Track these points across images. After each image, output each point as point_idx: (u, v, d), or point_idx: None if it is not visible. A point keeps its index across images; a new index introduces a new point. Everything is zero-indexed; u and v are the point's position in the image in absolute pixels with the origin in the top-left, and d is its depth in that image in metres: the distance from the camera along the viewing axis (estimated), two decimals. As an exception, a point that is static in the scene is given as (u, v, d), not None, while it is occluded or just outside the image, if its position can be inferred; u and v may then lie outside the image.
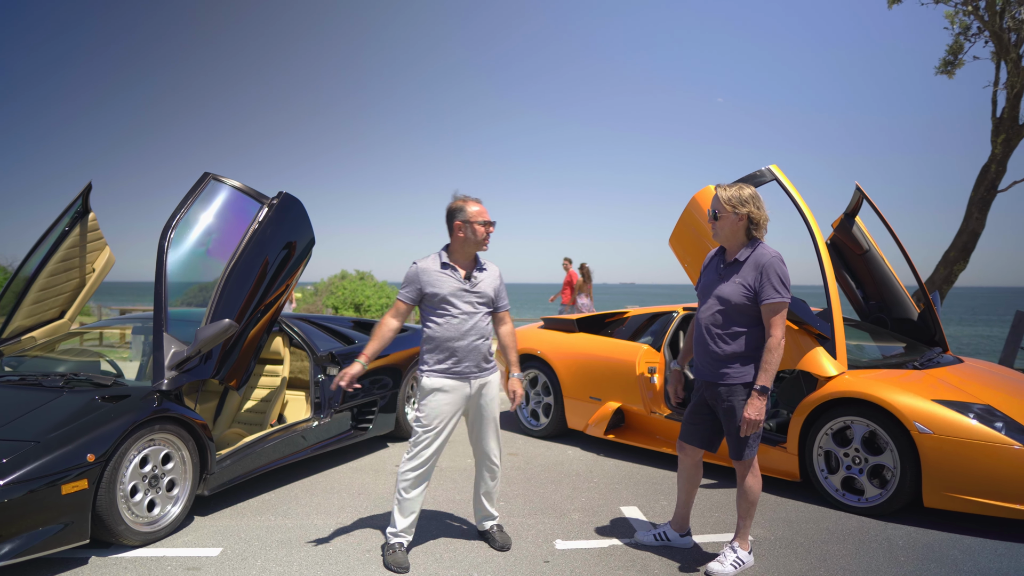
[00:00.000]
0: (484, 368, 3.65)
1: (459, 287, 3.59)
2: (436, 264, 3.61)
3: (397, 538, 3.62)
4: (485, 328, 3.65)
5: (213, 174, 4.54)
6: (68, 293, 5.16)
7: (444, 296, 3.55)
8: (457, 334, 3.56)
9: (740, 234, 3.43)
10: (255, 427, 5.08)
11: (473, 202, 3.64)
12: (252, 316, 4.42)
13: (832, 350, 4.51)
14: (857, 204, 5.69)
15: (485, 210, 3.64)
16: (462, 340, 3.56)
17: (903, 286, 5.72)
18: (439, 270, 3.59)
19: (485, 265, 3.72)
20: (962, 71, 11.54)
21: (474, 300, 3.61)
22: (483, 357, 3.64)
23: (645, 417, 5.64)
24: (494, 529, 3.86)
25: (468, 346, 3.57)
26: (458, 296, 3.57)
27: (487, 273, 3.70)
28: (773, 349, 3.26)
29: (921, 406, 4.09)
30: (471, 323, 3.58)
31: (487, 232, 3.63)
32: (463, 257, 3.65)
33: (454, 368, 3.57)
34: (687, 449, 3.68)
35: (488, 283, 3.67)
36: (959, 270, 10.93)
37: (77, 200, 4.95)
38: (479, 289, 3.64)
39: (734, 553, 3.45)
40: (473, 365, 3.60)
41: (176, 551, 3.66)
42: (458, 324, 3.56)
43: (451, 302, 3.56)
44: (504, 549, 3.74)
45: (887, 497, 4.16)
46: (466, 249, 3.64)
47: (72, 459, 3.37)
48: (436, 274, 3.58)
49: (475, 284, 3.63)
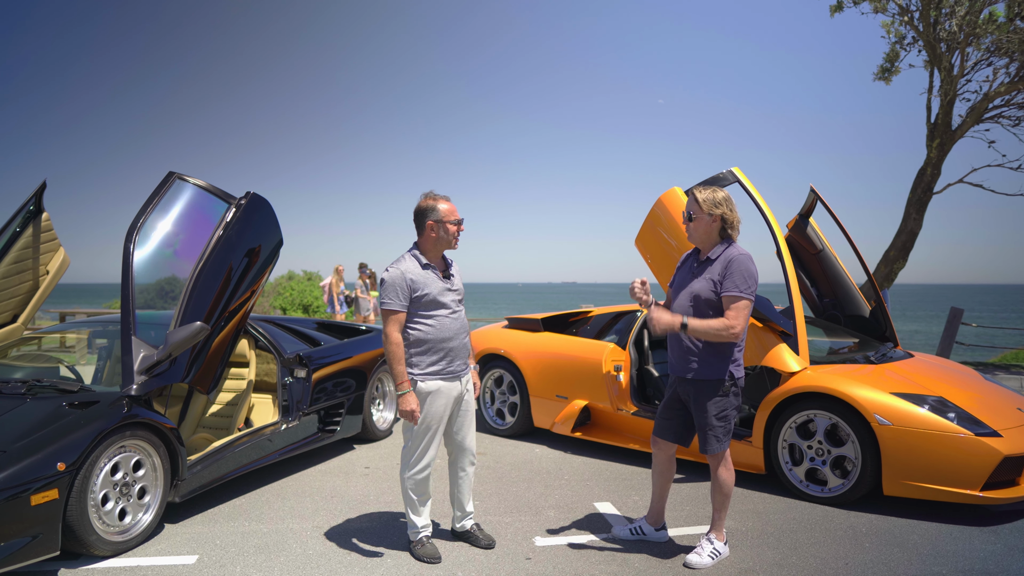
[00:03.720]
0: (468, 364, 3.74)
1: (444, 286, 3.61)
2: (416, 265, 3.58)
3: (421, 533, 3.69)
4: (467, 323, 3.74)
5: (178, 173, 4.43)
6: (21, 296, 4.95)
7: (434, 297, 3.55)
8: (450, 333, 3.59)
9: (714, 235, 3.54)
10: (222, 431, 4.98)
11: (443, 200, 3.63)
12: (221, 318, 4.33)
13: (795, 346, 4.68)
14: (811, 205, 5.90)
15: (455, 208, 3.65)
16: (454, 339, 3.61)
17: (855, 284, 5.96)
18: (422, 271, 3.57)
19: (451, 260, 3.78)
20: (899, 78, 12.05)
21: (455, 297, 3.67)
22: (468, 353, 3.73)
23: (612, 414, 5.74)
24: (475, 528, 3.88)
25: (459, 344, 3.64)
26: (444, 295, 3.59)
27: (455, 269, 3.77)
28: (719, 328, 3.35)
29: (880, 399, 4.28)
30: (460, 321, 3.66)
31: (458, 231, 3.65)
32: (436, 256, 3.67)
33: (448, 368, 3.60)
34: (661, 444, 3.77)
35: (459, 279, 3.76)
36: (899, 268, 11.42)
37: (30, 200, 4.75)
38: (457, 286, 3.70)
39: (711, 545, 3.56)
40: (462, 362, 3.68)
41: (151, 560, 3.57)
42: (450, 323, 3.60)
43: (441, 302, 3.58)
44: (490, 547, 3.77)
45: (849, 487, 4.34)
46: (438, 248, 3.65)
47: (41, 468, 3.26)
48: (421, 275, 3.55)
49: (454, 281, 3.68)
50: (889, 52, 11.95)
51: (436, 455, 3.70)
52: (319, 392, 5.42)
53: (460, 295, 3.71)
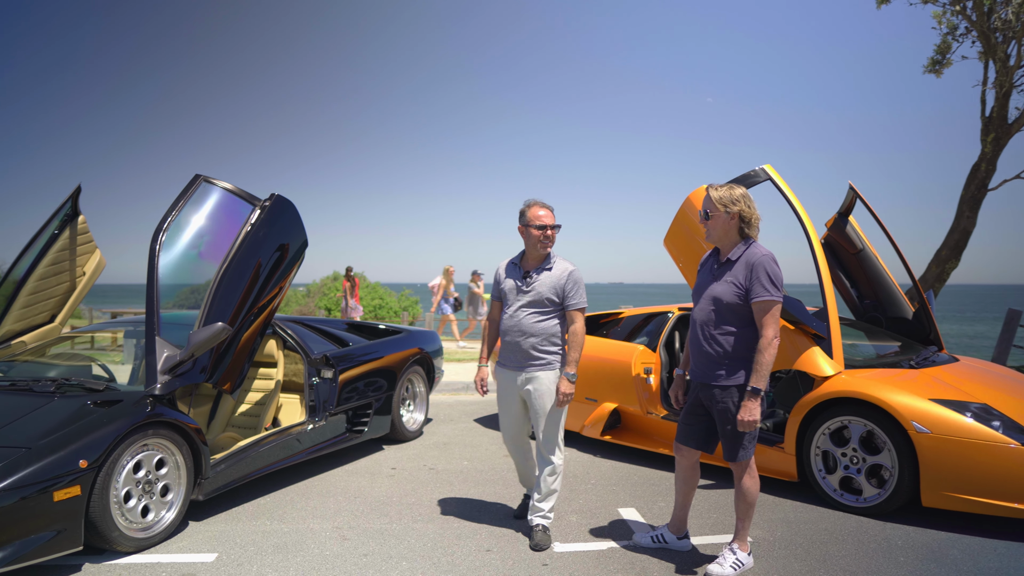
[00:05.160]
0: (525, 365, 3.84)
1: (516, 285, 3.89)
2: (507, 261, 4.02)
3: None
4: (532, 326, 3.81)
5: (204, 176, 4.49)
6: (58, 297, 5.09)
7: (505, 292, 3.94)
8: (505, 328, 3.89)
9: (732, 233, 3.42)
10: (249, 431, 5.04)
11: (535, 206, 3.86)
12: (245, 319, 4.37)
13: (828, 350, 4.50)
14: (851, 203, 5.70)
15: (548, 214, 3.84)
16: (507, 335, 3.88)
17: (897, 285, 5.73)
18: (507, 266, 3.99)
19: (552, 265, 3.88)
20: (951, 70, 11.58)
21: (524, 299, 3.84)
22: (523, 354, 3.83)
23: (642, 418, 5.63)
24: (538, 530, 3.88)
25: (512, 342, 3.85)
26: (512, 293, 3.89)
27: (549, 273, 3.85)
28: (764, 349, 3.24)
29: (918, 405, 4.09)
30: (515, 320, 3.85)
31: (543, 236, 3.83)
32: (531, 256, 3.91)
33: (504, 359, 3.93)
34: (683, 450, 3.66)
35: (544, 284, 3.83)
36: (951, 268, 10.97)
37: (66, 203, 4.88)
38: (532, 288, 3.84)
39: (733, 555, 3.43)
40: (516, 360, 3.86)
41: (171, 557, 3.62)
42: (506, 319, 3.89)
43: (508, 299, 3.92)
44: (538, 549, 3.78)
45: (885, 497, 4.16)
46: (529, 249, 3.90)
47: (64, 465, 3.32)
48: (503, 270, 4.00)
49: (529, 284, 3.84)
50: (940, 44, 11.48)
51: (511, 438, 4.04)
52: (347, 392, 5.44)
53: (530, 298, 3.82)
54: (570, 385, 3.78)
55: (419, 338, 6.71)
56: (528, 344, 3.80)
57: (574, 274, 3.86)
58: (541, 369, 3.81)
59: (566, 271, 3.85)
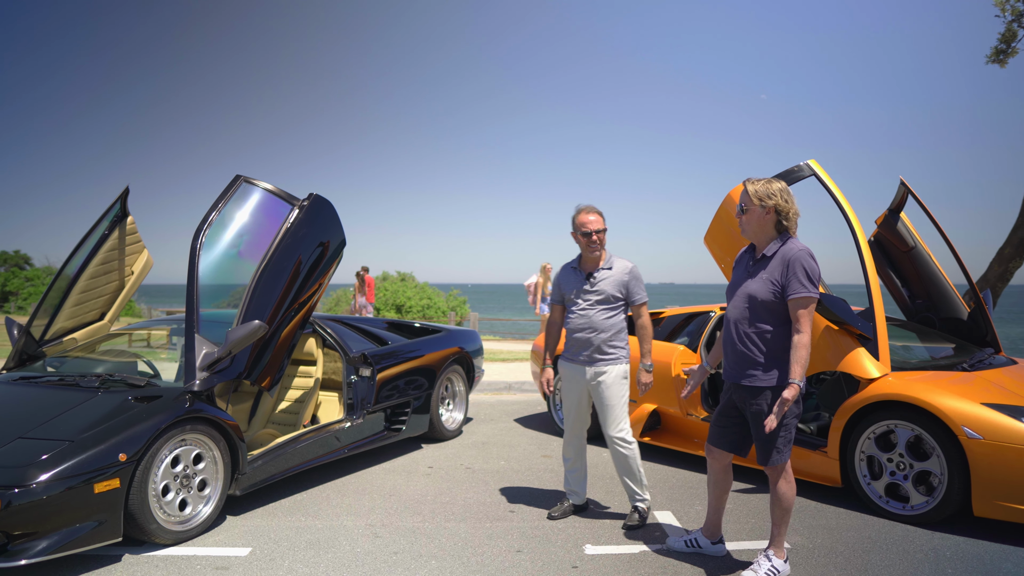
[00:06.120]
0: (595, 358, 4.04)
1: (580, 287, 4.09)
2: (565, 267, 4.24)
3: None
4: (603, 322, 4.01)
5: (245, 176, 4.58)
6: (108, 295, 5.26)
7: (570, 295, 4.13)
8: (574, 327, 4.07)
9: (769, 228, 3.31)
10: (289, 428, 5.12)
11: (585, 212, 4.06)
12: (284, 317, 4.44)
13: (874, 351, 4.34)
14: (902, 199, 5.48)
15: (595, 219, 4.04)
16: (578, 332, 4.06)
17: (952, 284, 5.49)
18: (565, 272, 4.21)
19: (611, 264, 4.08)
20: (1016, 59, 11.07)
21: (590, 298, 4.04)
22: (593, 348, 4.02)
23: (681, 419, 5.52)
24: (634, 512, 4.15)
25: (583, 338, 4.05)
26: (578, 294, 4.08)
27: (610, 272, 4.06)
28: (800, 346, 3.12)
29: (970, 410, 3.90)
30: (585, 318, 4.03)
31: (590, 241, 4.03)
32: (586, 259, 4.14)
33: (569, 354, 4.15)
34: (715, 453, 3.56)
35: (608, 282, 4.03)
36: (1015, 267, 10.47)
37: (116, 204, 5.03)
38: (596, 288, 4.03)
39: (768, 562, 3.33)
40: (587, 355, 4.05)
41: (206, 550, 3.69)
42: (574, 318, 4.08)
43: (574, 300, 4.10)
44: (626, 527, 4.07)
45: (934, 505, 3.98)
46: (583, 253, 4.14)
47: (105, 458, 3.42)
48: (563, 276, 4.22)
49: (594, 283, 4.03)
50: (1005, 32, 10.98)
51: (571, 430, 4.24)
52: (385, 390, 5.48)
53: (598, 296, 4.03)
54: (649, 375, 4.13)
55: (459, 337, 6.73)
56: (599, 339, 4.02)
57: (634, 271, 4.10)
58: (610, 364, 4.04)
59: (626, 269, 4.08)
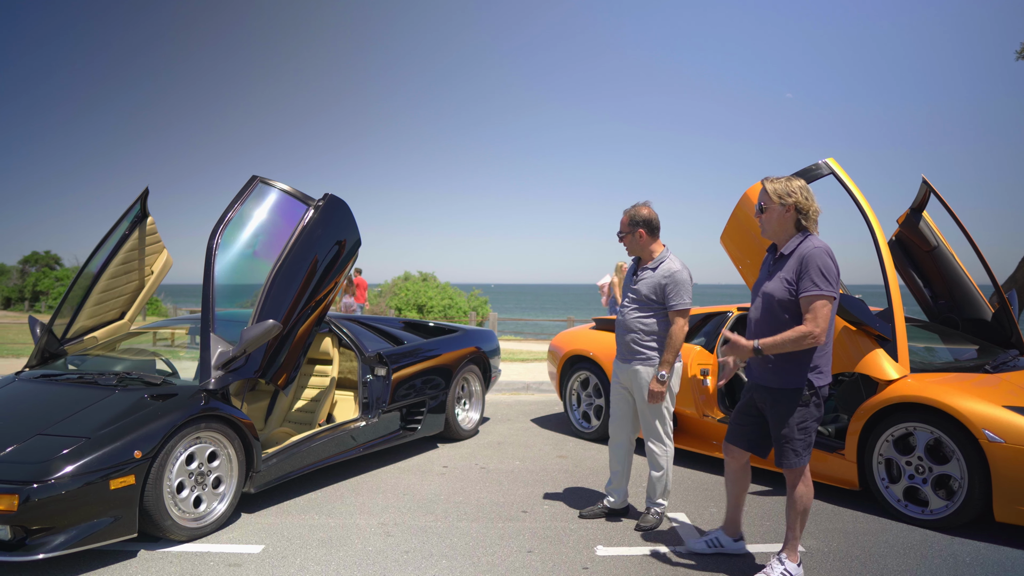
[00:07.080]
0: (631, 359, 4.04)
1: (628, 283, 4.16)
2: (632, 260, 4.25)
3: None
4: (632, 322, 4.02)
5: (261, 177, 4.62)
6: (128, 295, 5.33)
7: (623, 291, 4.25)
8: (616, 322, 4.18)
9: (788, 226, 3.27)
10: (304, 426, 5.16)
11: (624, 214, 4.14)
12: (299, 316, 4.47)
13: (893, 352, 4.26)
14: (924, 198, 5.39)
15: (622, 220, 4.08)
16: (617, 328, 4.15)
17: (976, 284, 5.39)
18: (630, 266, 4.24)
19: (657, 265, 4.01)
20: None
21: (631, 296, 4.08)
22: (629, 349, 4.04)
23: (697, 420, 5.47)
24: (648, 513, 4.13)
25: (619, 338, 4.12)
26: (625, 292, 4.16)
27: (651, 273, 4.00)
28: (796, 338, 3.07)
29: (991, 412, 3.82)
30: (622, 317, 4.09)
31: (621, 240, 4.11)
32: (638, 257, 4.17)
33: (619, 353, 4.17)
34: (733, 451, 3.53)
35: (646, 283, 4.00)
36: (1044, 268, 10.26)
37: (136, 204, 5.10)
38: (637, 287, 4.05)
39: (781, 565, 3.28)
40: (624, 354, 4.09)
41: (220, 547, 3.73)
42: (618, 316, 4.16)
43: (624, 294, 4.18)
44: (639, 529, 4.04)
45: (954, 510, 3.90)
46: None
47: (120, 455, 3.47)
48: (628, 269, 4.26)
49: (635, 282, 4.08)
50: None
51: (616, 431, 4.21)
52: (400, 390, 5.49)
53: (636, 295, 4.04)
54: (659, 384, 3.91)
55: (476, 337, 6.73)
56: (629, 339, 4.04)
57: (676, 275, 3.92)
58: (642, 363, 4.00)
59: (668, 272, 3.95)
